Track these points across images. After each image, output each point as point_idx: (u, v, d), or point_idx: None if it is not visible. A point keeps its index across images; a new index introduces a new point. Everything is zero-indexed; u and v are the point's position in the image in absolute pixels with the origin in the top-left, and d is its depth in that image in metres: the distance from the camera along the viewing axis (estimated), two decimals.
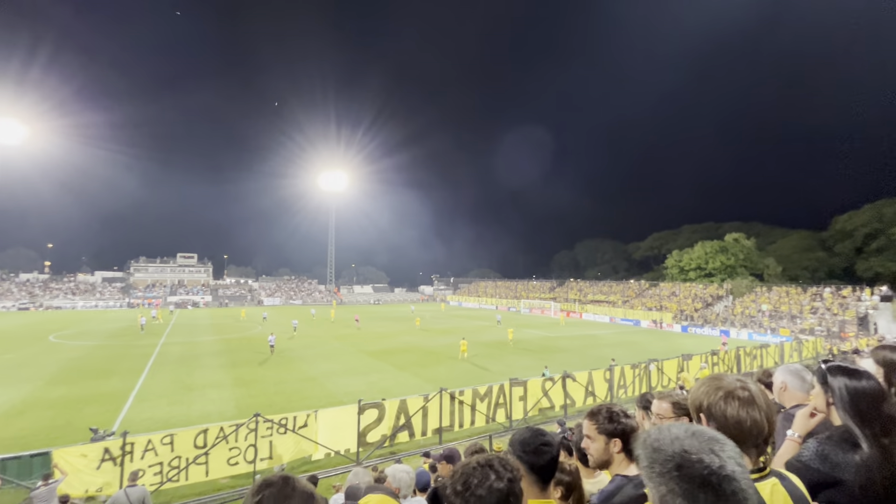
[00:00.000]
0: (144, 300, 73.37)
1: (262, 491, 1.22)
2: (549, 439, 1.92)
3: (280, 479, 1.26)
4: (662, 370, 19.31)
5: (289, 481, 1.26)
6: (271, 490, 1.22)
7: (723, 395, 1.47)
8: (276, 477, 1.27)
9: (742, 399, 1.44)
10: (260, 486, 1.25)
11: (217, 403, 17.12)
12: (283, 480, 1.25)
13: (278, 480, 1.25)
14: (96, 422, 13.55)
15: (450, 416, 13.49)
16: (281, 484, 1.24)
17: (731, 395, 1.46)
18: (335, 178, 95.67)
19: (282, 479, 1.26)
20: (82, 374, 21.80)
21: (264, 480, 1.26)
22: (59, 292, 70.24)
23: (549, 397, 15.74)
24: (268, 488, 1.22)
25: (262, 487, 1.24)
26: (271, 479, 1.26)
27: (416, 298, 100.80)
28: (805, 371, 2.77)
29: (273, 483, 1.25)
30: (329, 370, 23.42)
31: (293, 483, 1.25)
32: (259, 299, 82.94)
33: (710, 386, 1.53)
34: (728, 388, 1.47)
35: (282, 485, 1.24)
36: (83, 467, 9.13)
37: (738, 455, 0.95)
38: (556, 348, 32.42)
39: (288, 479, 1.27)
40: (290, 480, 1.26)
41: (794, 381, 2.66)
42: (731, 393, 1.46)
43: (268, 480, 1.26)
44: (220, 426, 10.45)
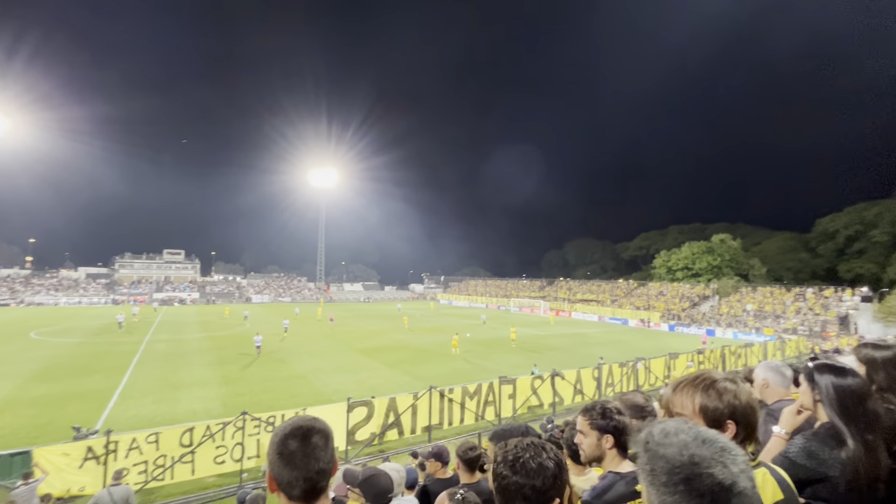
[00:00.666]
0: (129, 297, 72.18)
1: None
2: (518, 433, 1.93)
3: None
4: (650, 369, 19.55)
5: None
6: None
7: (680, 385, 1.54)
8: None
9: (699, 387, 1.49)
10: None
11: (204, 402, 16.91)
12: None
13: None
14: (79, 420, 13.30)
15: (439, 413, 13.50)
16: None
17: (685, 384, 1.52)
18: (326, 175, 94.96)
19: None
20: (65, 371, 21.38)
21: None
22: (42, 288, 68.76)
23: (538, 395, 15.83)
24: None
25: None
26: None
27: (406, 297, 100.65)
28: (785, 367, 2.83)
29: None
30: (318, 368, 23.27)
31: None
32: (247, 296, 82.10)
33: (672, 382, 1.56)
34: (685, 379, 1.51)
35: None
36: (65, 466, 8.95)
37: (748, 466, 0.88)
38: (546, 347, 32.62)
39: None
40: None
41: (774, 377, 2.73)
42: (684, 382, 1.51)
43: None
44: (206, 424, 10.32)
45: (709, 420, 1.40)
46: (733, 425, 1.40)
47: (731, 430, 1.40)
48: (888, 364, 1.78)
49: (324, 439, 1.28)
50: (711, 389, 1.44)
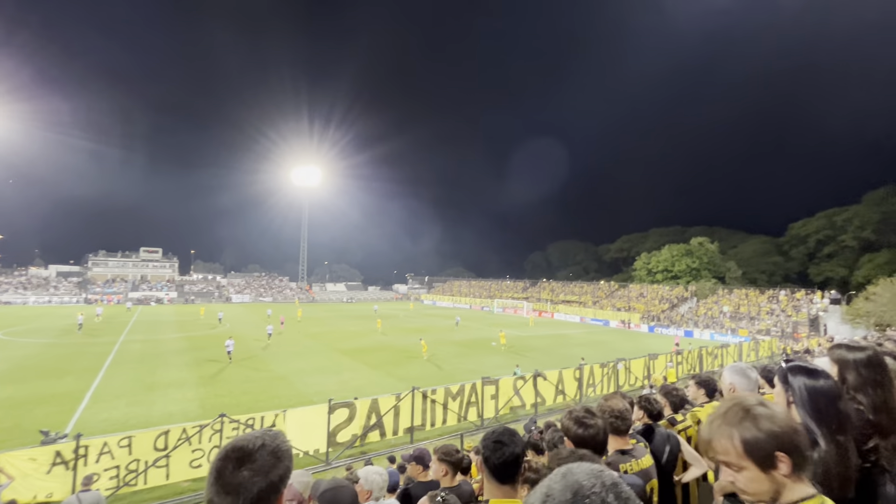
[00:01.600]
0: (104, 296, 70.02)
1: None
2: (506, 439, 1.92)
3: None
4: (630, 369, 19.86)
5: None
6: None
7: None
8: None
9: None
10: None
11: (180, 403, 16.49)
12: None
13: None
14: (48, 424, 12.82)
15: (421, 415, 13.46)
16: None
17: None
18: (308, 173, 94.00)
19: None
20: (33, 373, 20.60)
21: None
22: (9, 286, 66.16)
23: (520, 396, 15.93)
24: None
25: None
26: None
27: (390, 297, 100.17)
28: (750, 370, 2.91)
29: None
30: (299, 369, 22.95)
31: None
32: (227, 296, 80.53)
33: (705, 424, 1.40)
34: (716, 415, 1.34)
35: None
36: (32, 471, 8.61)
37: None
38: (528, 347, 32.85)
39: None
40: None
41: (741, 380, 2.81)
42: (716, 420, 1.31)
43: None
44: (182, 427, 10.07)
45: (757, 459, 1.18)
46: (786, 458, 1.18)
47: (786, 465, 1.18)
48: (860, 365, 1.83)
49: (264, 469, 1.09)
50: (747, 420, 1.21)
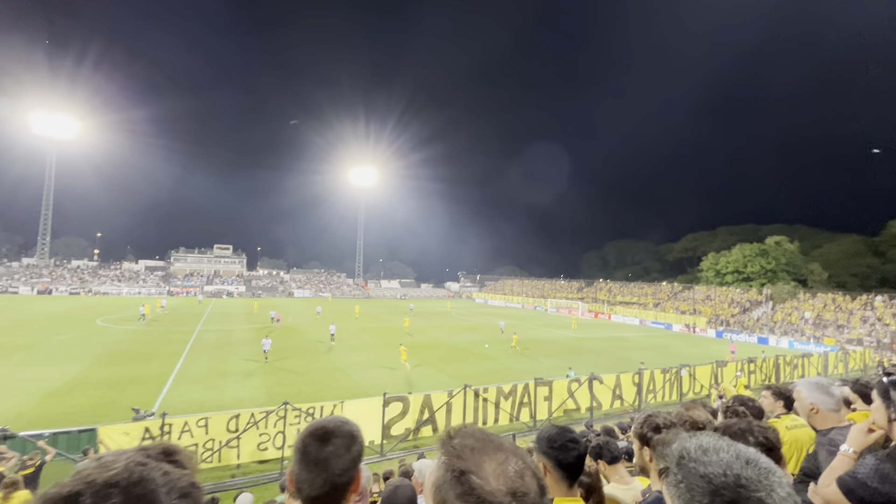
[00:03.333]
0: (183, 288, 76.68)
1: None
2: (575, 437, 1.91)
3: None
4: (695, 376, 18.67)
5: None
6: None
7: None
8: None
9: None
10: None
11: (248, 390, 17.72)
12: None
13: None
14: (138, 402, 14.30)
15: (473, 412, 13.48)
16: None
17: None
18: (365, 173, 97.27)
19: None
20: (126, 356, 23.02)
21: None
22: (107, 279, 74.32)
23: (574, 399, 15.50)
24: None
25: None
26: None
27: (442, 294, 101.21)
28: (832, 385, 2.55)
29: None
30: (356, 362, 23.83)
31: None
32: (290, 291, 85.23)
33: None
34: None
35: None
36: (125, 444, 9.63)
37: (793, 491, 0.81)
38: (582, 349, 31.85)
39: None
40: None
41: (822, 398, 2.47)
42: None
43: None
44: (251, 412, 10.82)
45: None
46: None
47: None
48: None
49: (345, 446, 1.20)
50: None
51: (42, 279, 68.54)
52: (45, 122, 71.83)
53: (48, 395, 15.91)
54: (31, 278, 68.27)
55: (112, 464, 0.63)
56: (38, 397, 15.65)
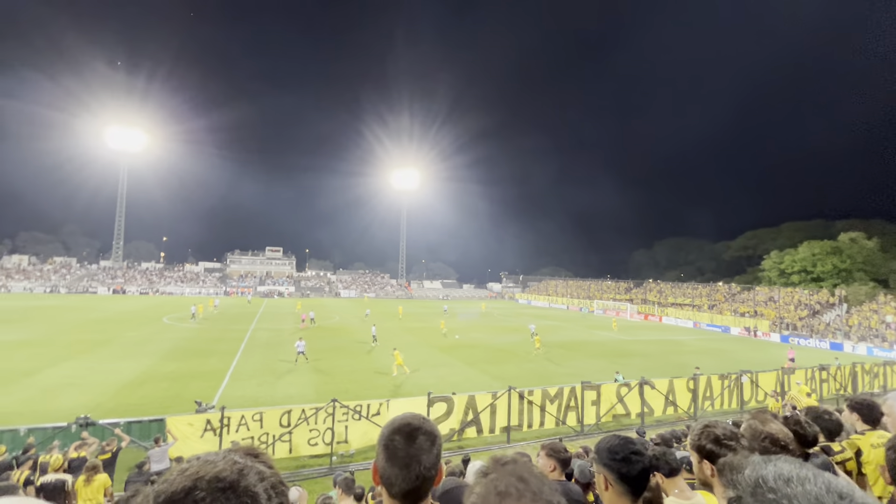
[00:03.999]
0: (238, 289, 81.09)
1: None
2: (640, 448, 1.80)
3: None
4: (757, 383, 17.43)
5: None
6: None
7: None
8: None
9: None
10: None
11: (298, 387, 18.44)
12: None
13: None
14: (200, 395, 15.24)
15: (518, 415, 13.30)
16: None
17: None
18: (407, 176, 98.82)
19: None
20: (189, 352, 24.63)
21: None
22: (171, 280, 79.98)
23: (624, 404, 14.91)
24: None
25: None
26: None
27: (484, 295, 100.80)
28: None
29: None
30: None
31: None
32: (336, 291, 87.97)
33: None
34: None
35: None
36: (190, 434, 10.31)
37: None
38: (631, 352, 30.61)
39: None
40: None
41: None
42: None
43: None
44: (301, 408, 11.24)
45: None
46: None
47: None
48: None
49: (430, 441, 1.26)
50: None
51: (116, 280, 74.83)
52: (119, 136, 78.52)
53: (122, 387, 17.32)
54: (107, 279, 74.72)
55: (214, 462, 0.68)
56: (114, 389, 17.07)
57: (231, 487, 0.64)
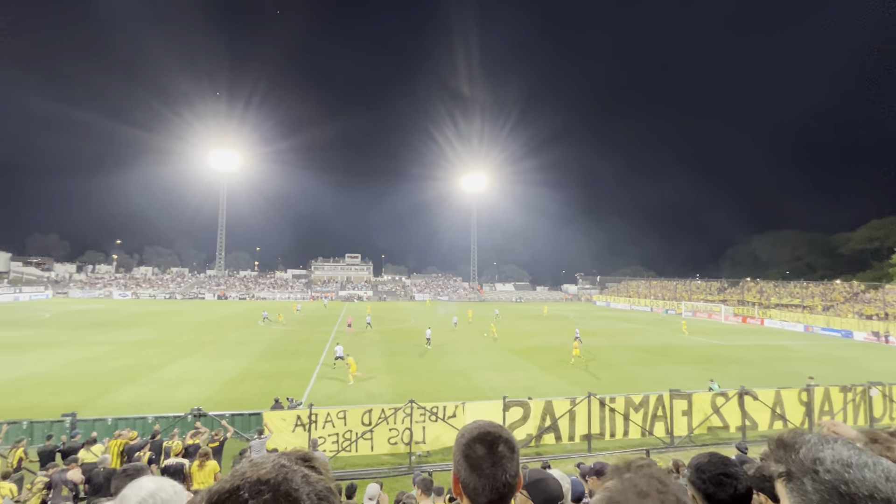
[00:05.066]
0: (322, 294, 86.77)
1: None
2: (733, 471, 1.61)
3: None
4: (892, 398, 14.91)
5: None
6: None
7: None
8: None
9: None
10: None
11: (378, 387, 19.23)
12: None
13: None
14: (290, 393, 16.51)
15: (599, 423, 12.66)
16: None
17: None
18: (477, 179, 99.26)
19: None
20: (280, 353, 26.81)
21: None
22: (264, 286, 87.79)
23: (721, 415, 13.55)
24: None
25: None
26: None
27: (558, 297, 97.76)
28: None
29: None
30: (474, 365, 24.24)
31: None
32: (411, 295, 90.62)
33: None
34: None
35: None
36: (282, 429, 11.19)
37: None
38: (726, 359, 27.78)
39: None
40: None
41: None
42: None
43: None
44: (381, 408, 11.69)
45: None
46: None
47: None
48: None
49: (510, 450, 1.22)
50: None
51: (220, 287, 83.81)
52: (219, 158, 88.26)
53: (227, 383, 19.30)
54: (212, 286, 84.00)
55: (262, 465, 0.74)
56: (220, 384, 19.08)
57: (272, 490, 0.69)
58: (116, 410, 14.22)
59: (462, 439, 1.24)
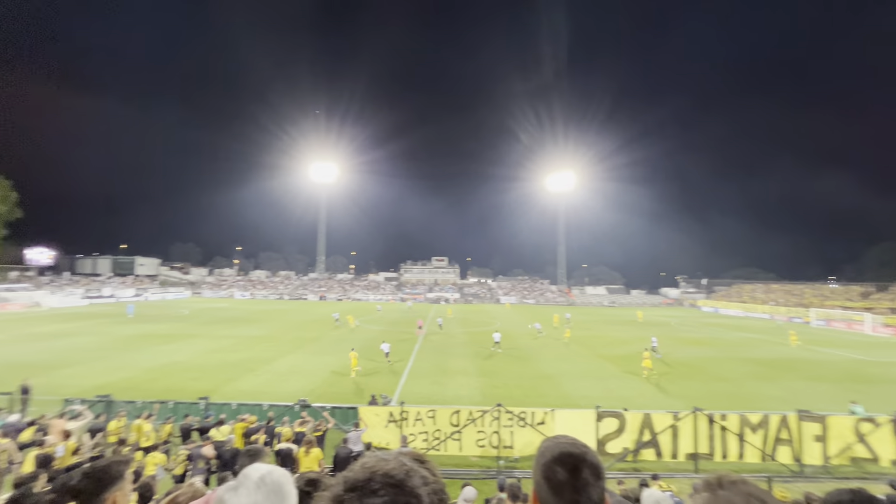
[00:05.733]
0: (411, 296, 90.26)
1: None
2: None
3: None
4: None
5: None
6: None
7: None
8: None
9: None
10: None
11: (465, 389, 19.43)
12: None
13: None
14: (383, 390, 17.38)
15: (708, 441, 11.44)
16: None
17: None
18: (563, 178, 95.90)
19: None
20: (373, 351, 28.38)
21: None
22: (359, 288, 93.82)
23: (867, 444, 11.44)
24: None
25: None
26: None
27: (656, 302, 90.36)
28: None
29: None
30: (563, 371, 23.40)
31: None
32: (496, 298, 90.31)
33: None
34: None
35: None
36: (376, 424, 11.82)
37: None
38: (873, 377, 23.38)
39: None
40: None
41: None
42: None
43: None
44: (469, 410, 11.80)
45: None
46: None
47: None
48: None
49: (595, 475, 1.13)
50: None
51: (320, 289, 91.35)
52: (318, 170, 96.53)
53: (327, 377, 20.95)
54: (314, 288, 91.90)
55: (388, 460, 0.81)
56: (322, 378, 20.76)
57: (399, 485, 0.75)
58: (238, 397, 16.17)
59: (542, 458, 1.15)
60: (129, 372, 20.95)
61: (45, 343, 29.01)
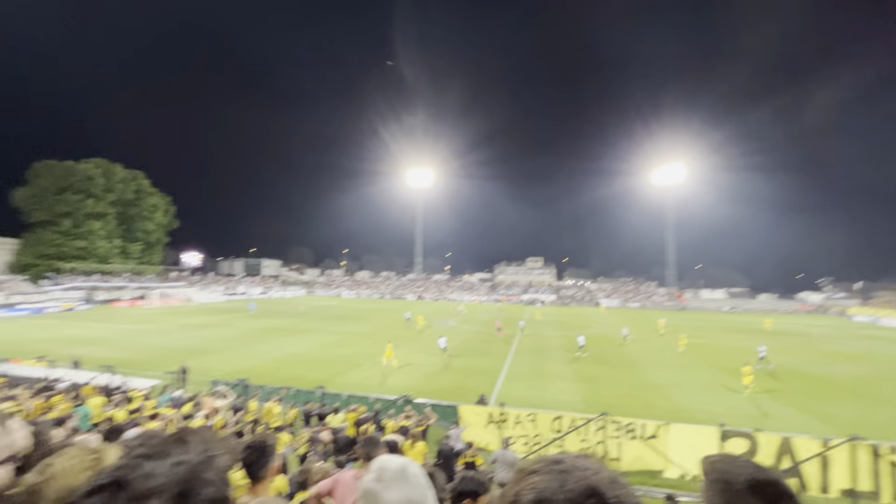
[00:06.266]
0: (505, 297, 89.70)
1: None
2: None
3: None
4: None
5: None
6: None
7: None
8: None
9: None
10: None
11: (566, 394, 18.69)
12: None
13: None
14: (482, 390, 17.48)
15: (873, 478, 9.50)
16: None
17: None
18: (672, 170, 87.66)
19: None
20: (471, 351, 28.77)
21: None
22: (454, 288, 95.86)
23: None
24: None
25: None
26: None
27: (791, 308, 77.82)
28: None
29: None
30: (675, 381, 21.35)
31: None
32: (596, 300, 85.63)
33: None
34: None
35: None
36: (476, 423, 11.92)
37: None
38: None
39: None
40: None
41: None
42: None
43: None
44: (571, 417, 11.32)
45: None
46: None
47: None
48: None
49: None
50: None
51: (418, 289, 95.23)
52: (415, 176, 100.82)
53: (429, 375, 21.69)
54: (412, 288, 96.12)
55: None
56: (424, 375, 21.56)
57: (595, 495, 0.69)
58: (348, 388, 17.48)
59: (728, 486, 0.95)
60: (258, 361, 23.92)
61: (195, 332, 34.56)
